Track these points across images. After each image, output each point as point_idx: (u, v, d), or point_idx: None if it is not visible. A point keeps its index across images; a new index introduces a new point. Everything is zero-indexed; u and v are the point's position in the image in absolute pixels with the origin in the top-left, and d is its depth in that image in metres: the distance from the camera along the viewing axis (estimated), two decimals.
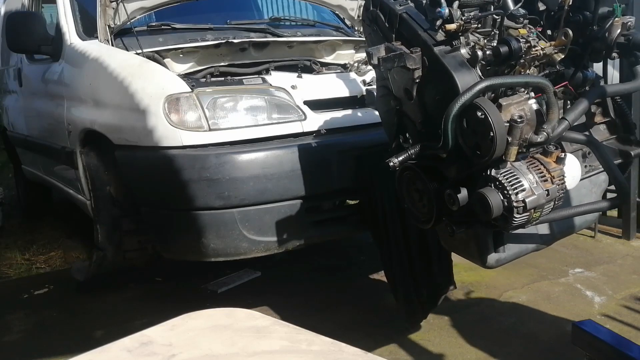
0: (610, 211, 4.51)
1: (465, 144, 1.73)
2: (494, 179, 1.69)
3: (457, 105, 1.65)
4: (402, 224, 2.69)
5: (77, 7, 3.58)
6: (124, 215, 3.02)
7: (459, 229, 1.91)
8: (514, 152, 1.65)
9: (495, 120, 1.62)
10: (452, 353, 2.71)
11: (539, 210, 1.70)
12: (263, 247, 2.60)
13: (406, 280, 2.74)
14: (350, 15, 4.12)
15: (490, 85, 1.67)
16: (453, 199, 1.81)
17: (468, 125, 1.69)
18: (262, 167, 2.53)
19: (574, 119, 1.84)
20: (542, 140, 1.69)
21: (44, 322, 3.30)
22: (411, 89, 1.88)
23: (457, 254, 2.26)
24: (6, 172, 6.90)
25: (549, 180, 1.69)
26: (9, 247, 4.64)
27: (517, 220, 1.69)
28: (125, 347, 1.07)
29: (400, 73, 1.87)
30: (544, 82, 1.72)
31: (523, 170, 1.69)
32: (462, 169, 1.83)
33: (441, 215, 1.92)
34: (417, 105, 1.90)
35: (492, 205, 1.66)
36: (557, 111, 1.74)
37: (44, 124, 4.01)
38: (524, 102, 1.72)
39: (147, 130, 2.60)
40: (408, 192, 2.03)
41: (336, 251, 4.08)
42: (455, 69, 1.72)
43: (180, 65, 3.03)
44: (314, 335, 1.11)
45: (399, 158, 1.90)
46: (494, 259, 2.08)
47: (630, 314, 2.98)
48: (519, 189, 1.65)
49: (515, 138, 1.63)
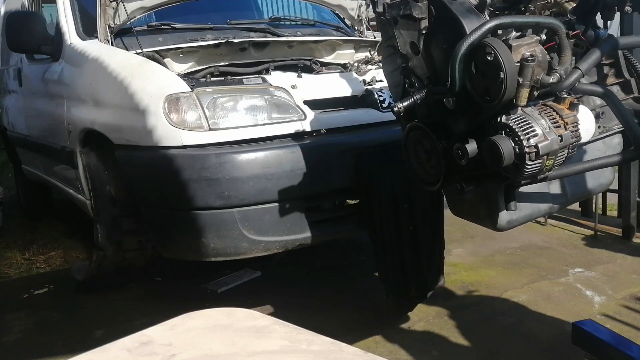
0: (610, 211, 4.52)
1: (474, 89, 1.65)
2: (505, 126, 1.62)
3: (465, 44, 1.57)
4: (396, 221, 2.73)
5: (77, 7, 3.58)
6: (124, 215, 3.01)
7: (469, 186, 1.82)
8: (525, 94, 1.56)
9: (505, 59, 1.53)
10: (452, 353, 2.71)
11: (552, 157, 1.61)
12: (263, 247, 2.60)
13: (396, 275, 2.78)
14: (350, 15, 4.13)
15: (499, 24, 1.59)
16: (462, 152, 1.73)
17: (477, 69, 1.62)
18: (262, 166, 2.52)
19: (587, 68, 1.76)
20: (554, 82, 1.60)
21: (44, 322, 3.30)
22: (418, 42, 1.81)
23: (467, 219, 2.16)
24: (6, 172, 6.91)
25: (562, 127, 1.61)
26: (9, 247, 4.64)
27: (530, 168, 1.60)
28: (125, 347, 1.07)
29: (407, 26, 1.81)
30: (556, 22, 1.65)
31: (535, 116, 1.61)
32: (471, 119, 1.75)
33: (450, 174, 1.83)
34: (424, 60, 1.82)
35: (503, 152, 1.58)
36: (570, 54, 1.67)
37: (44, 124, 4.01)
38: (534, 44, 1.62)
39: (147, 130, 2.60)
40: (415, 153, 1.95)
41: (336, 251, 4.08)
42: (463, 15, 1.64)
43: (180, 65, 3.03)
44: (314, 335, 1.11)
45: (404, 103, 1.81)
46: (505, 219, 1.99)
47: (630, 314, 2.98)
48: (530, 134, 1.58)
49: (527, 79, 1.54)
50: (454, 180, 1.85)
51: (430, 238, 2.82)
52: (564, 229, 4.39)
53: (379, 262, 2.85)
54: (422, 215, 2.78)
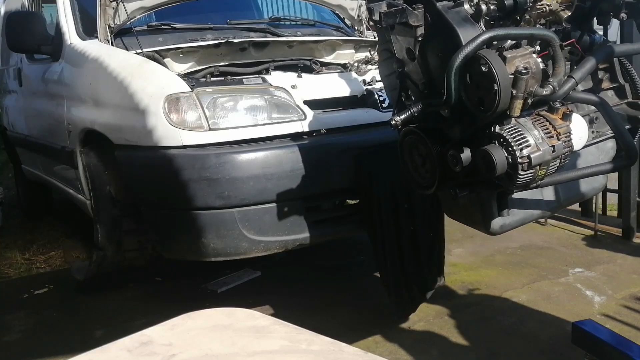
0: (610, 211, 4.52)
1: (469, 99, 1.66)
2: (498, 136, 1.63)
3: (460, 56, 1.58)
4: (396, 222, 2.72)
5: (77, 7, 3.58)
6: (124, 215, 3.02)
7: (462, 192, 1.84)
8: (518, 106, 1.58)
9: (499, 72, 1.55)
10: (452, 353, 2.71)
11: (544, 167, 1.63)
12: (263, 247, 2.60)
13: (397, 275, 2.78)
14: (350, 15, 4.12)
15: (494, 36, 1.61)
16: (456, 159, 1.75)
17: (471, 80, 1.63)
18: (262, 166, 2.52)
19: (580, 77, 1.77)
20: (547, 94, 1.61)
21: (44, 322, 3.30)
22: (414, 48, 1.82)
23: (461, 222, 2.18)
24: (6, 172, 6.91)
25: (554, 137, 1.63)
26: (9, 247, 4.64)
27: (522, 177, 1.62)
28: (125, 347, 1.07)
29: (403, 32, 1.82)
30: (550, 34, 1.66)
31: (528, 126, 1.63)
32: (465, 127, 1.77)
33: (444, 179, 1.85)
34: (419, 66, 1.84)
35: (496, 162, 1.60)
36: (564, 65, 1.68)
37: (44, 124, 4.01)
38: (528, 56, 1.64)
39: (147, 130, 2.60)
40: (410, 157, 1.96)
41: (336, 251, 4.07)
42: (459, 24, 1.66)
43: (180, 65, 3.03)
44: (314, 335, 1.11)
45: (401, 116, 1.83)
46: (498, 224, 2.01)
47: (630, 314, 2.98)
48: (523, 145, 1.59)
49: (520, 91, 1.56)
50: (449, 186, 1.87)
51: (430, 238, 2.82)
52: (564, 229, 4.39)
53: (379, 262, 2.85)
54: (422, 215, 2.78)
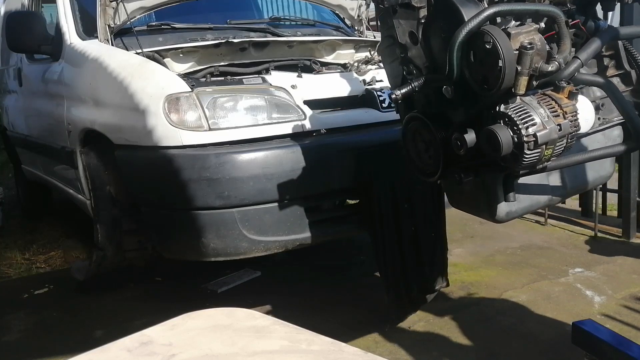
0: (610, 211, 4.52)
1: (472, 77, 1.64)
2: (503, 115, 1.61)
3: (464, 31, 1.56)
4: (396, 221, 2.72)
5: (77, 7, 3.58)
6: (124, 215, 3.02)
7: (467, 176, 1.81)
8: (523, 83, 1.55)
9: (503, 47, 1.52)
10: (452, 353, 2.71)
11: (551, 146, 1.60)
12: (263, 247, 2.60)
13: (397, 276, 2.78)
14: (350, 15, 4.12)
15: (498, 12, 1.58)
16: (460, 142, 1.72)
17: (475, 58, 1.61)
18: (262, 166, 2.52)
19: (586, 57, 1.75)
20: (553, 70, 1.59)
21: (44, 322, 3.30)
22: (416, 31, 1.80)
23: (466, 211, 2.15)
24: (6, 172, 6.91)
25: (561, 115, 1.60)
26: (9, 247, 4.64)
27: (528, 157, 1.59)
28: (125, 347, 1.07)
29: (405, 15, 1.80)
30: (556, 10, 1.64)
31: (533, 105, 1.60)
32: (469, 108, 1.74)
33: (448, 164, 1.82)
34: (422, 49, 1.81)
35: (501, 142, 1.57)
36: (569, 43, 1.65)
37: (44, 124, 4.01)
38: (533, 32, 1.60)
39: (147, 130, 2.60)
40: (414, 144, 1.94)
41: (336, 251, 4.08)
42: (462, 3, 1.63)
43: (180, 65, 3.03)
44: (314, 335, 1.11)
45: (402, 90, 1.79)
46: (504, 211, 1.97)
47: (630, 314, 2.98)
48: (529, 123, 1.57)
49: (525, 67, 1.53)
50: (453, 171, 1.84)
51: (431, 239, 2.82)
52: (564, 229, 4.39)
53: (380, 262, 2.85)
54: (423, 215, 2.78)
